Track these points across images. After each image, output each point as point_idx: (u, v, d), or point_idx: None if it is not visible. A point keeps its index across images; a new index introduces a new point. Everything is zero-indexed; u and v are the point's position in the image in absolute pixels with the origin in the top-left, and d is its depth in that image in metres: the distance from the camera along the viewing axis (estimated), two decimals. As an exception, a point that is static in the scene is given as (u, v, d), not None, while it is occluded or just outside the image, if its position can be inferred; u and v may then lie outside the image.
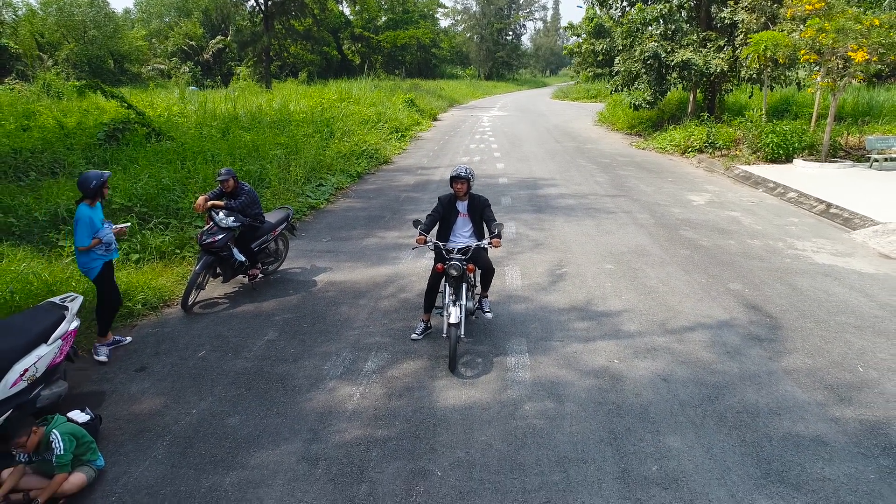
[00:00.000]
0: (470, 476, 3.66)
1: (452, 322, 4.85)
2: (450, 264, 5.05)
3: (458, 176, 5.34)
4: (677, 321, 5.91)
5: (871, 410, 4.36)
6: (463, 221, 5.51)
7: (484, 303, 5.70)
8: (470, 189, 5.46)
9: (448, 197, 5.52)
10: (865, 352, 5.28)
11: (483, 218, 5.47)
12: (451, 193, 5.51)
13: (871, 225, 9.52)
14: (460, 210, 5.50)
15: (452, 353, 4.88)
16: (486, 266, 5.53)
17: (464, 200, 5.48)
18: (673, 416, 4.28)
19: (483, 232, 5.56)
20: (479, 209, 5.47)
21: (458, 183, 5.37)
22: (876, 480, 3.61)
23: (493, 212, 5.51)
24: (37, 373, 4.06)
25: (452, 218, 5.49)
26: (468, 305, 5.19)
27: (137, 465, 3.80)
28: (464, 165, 5.48)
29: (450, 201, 5.49)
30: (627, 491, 3.53)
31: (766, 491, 3.52)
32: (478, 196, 5.55)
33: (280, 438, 4.06)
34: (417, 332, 5.57)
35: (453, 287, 5.09)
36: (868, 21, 13.28)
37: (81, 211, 5.13)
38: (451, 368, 4.90)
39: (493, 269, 5.64)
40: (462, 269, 5.05)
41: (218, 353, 5.31)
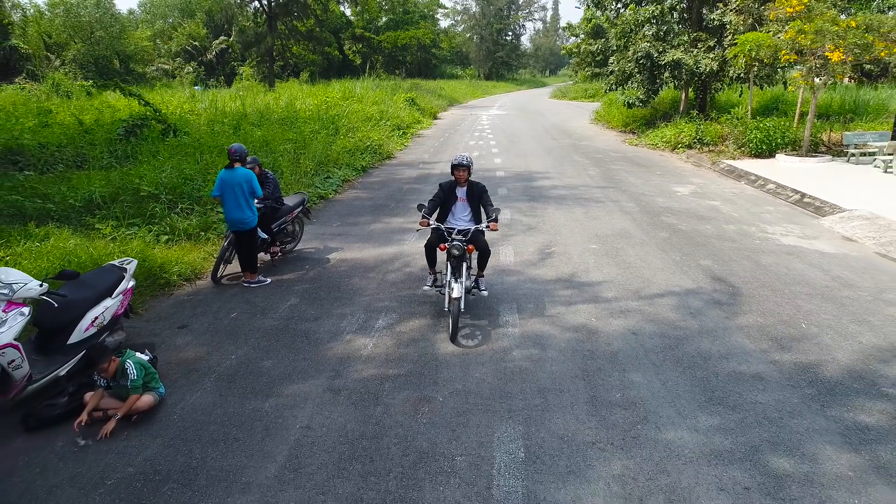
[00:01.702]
0: (466, 401, 4.45)
1: (455, 296, 5.26)
2: (452, 244, 5.49)
3: (460, 164, 5.84)
4: (650, 289, 6.71)
5: (805, 356, 5.15)
6: (462, 206, 5.99)
7: (480, 282, 6.07)
8: (470, 176, 5.95)
9: (449, 183, 6.01)
10: (811, 313, 6.07)
11: (481, 202, 5.94)
12: (451, 180, 6.00)
13: (839, 212, 10.32)
14: (459, 195, 5.97)
15: (454, 324, 5.30)
16: (483, 247, 5.91)
17: (463, 186, 5.96)
18: (637, 359, 5.08)
19: (481, 216, 6.01)
20: (478, 194, 5.95)
21: (460, 170, 5.86)
22: (798, 403, 4.41)
23: (490, 197, 6.01)
24: (104, 321, 4.86)
25: (452, 202, 5.97)
26: (467, 284, 5.58)
27: (191, 395, 4.59)
28: (465, 154, 5.98)
29: (450, 187, 5.98)
30: (594, 410, 4.32)
31: (707, 410, 4.32)
32: (476, 182, 6.02)
33: (308, 376, 4.86)
34: (428, 283, 6.15)
35: (454, 266, 5.49)
36: (845, 23, 14.07)
37: (246, 171, 6.71)
38: (452, 339, 5.33)
39: (490, 251, 6.05)
40: (463, 250, 5.47)
41: (248, 314, 6.11)
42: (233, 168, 6.64)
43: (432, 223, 5.81)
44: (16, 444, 3.97)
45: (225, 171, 6.67)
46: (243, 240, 6.77)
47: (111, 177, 9.97)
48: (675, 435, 4.03)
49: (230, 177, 6.60)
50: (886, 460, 3.76)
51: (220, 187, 6.65)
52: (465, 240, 5.61)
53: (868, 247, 8.57)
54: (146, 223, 8.49)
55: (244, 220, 6.65)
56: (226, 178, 6.61)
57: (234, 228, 6.73)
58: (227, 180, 6.60)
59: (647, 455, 3.82)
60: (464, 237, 5.66)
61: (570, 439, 3.99)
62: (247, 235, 6.77)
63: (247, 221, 6.67)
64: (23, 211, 8.66)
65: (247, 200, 6.63)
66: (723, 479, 3.60)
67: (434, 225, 5.83)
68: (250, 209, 6.69)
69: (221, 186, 6.64)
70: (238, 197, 6.58)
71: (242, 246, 6.81)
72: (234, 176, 6.60)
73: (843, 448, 3.89)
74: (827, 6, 14.55)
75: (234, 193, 6.58)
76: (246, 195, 6.61)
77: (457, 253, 5.43)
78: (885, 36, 13.83)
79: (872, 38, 13.75)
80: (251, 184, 6.66)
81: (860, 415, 4.26)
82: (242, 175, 6.62)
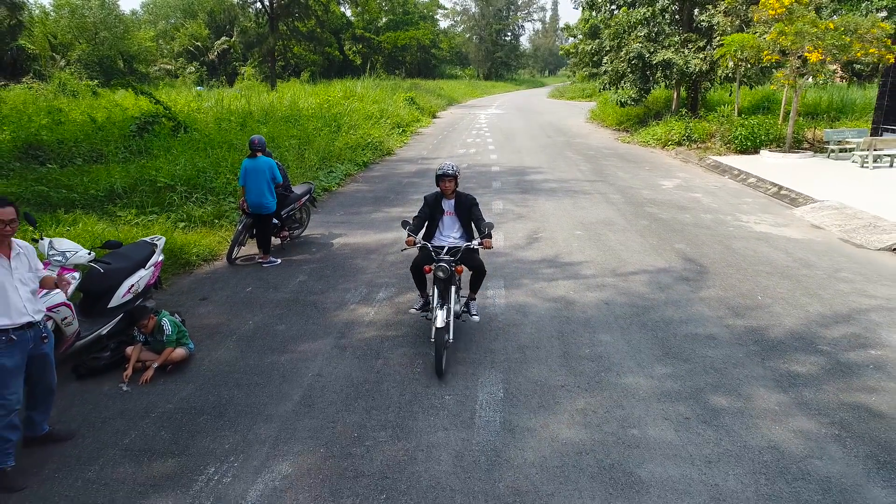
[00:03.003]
0: (454, 357, 5.12)
1: (439, 326, 4.61)
2: (437, 266, 4.86)
3: (445, 174, 5.23)
4: (625, 268, 7.39)
5: (756, 321, 5.83)
6: (450, 220, 5.41)
7: (471, 305, 5.48)
8: (457, 187, 5.38)
9: (434, 196, 5.40)
10: (768, 288, 6.75)
11: (471, 217, 5.35)
12: (436, 192, 5.39)
13: (811, 203, 11.00)
14: (446, 209, 5.38)
15: (439, 357, 4.65)
16: (477, 266, 5.33)
17: (450, 199, 5.36)
18: (607, 324, 5.76)
19: (472, 232, 5.44)
20: (467, 207, 5.35)
21: (446, 181, 5.25)
22: (742, 357, 5.09)
23: (481, 210, 5.41)
24: (139, 289, 5.54)
25: (438, 217, 5.38)
26: (455, 308, 4.98)
27: (216, 351, 5.28)
28: (450, 163, 5.38)
29: (436, 200, 5.38)
30: (565, 362, 5.01)
31: (663, 362, 5.00)
32: (465, 194, 5.43)
33: (317, 337, 5.55)
34: (416, 306, 5.56)
35: (441, 289, 4.88)
36: (823, 25, 14.74)
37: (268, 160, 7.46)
38: (438, 373, 4.70)
39: (485, 270, 5.43)
40: (450, 272, 4.86)
41: (261, 289, 6.80)
42: (255, 157, 7.35)
43: (418, 242, 5.22)
44: (70, 388, 4.65)
45: (248, 161, 7.39)
46: (263, 222, 7.48)
47: (129, 169, 10.66)
48: (632, 380, 4.71)
49: (253, 165, 7.32)
50: (809, 398, 4.44)
51: (244, 176, 7.36)
52: (453, 260, 4.99)
53: (833, 233, 9.25)
54: (164, 211, 9.18)
55: (265, 205, 7.38)
56: (249, 167, 7.33)
57: (255, 212, 7.43)
58: (250, 168, 7.32)
59: (607, 395, 4.50)
60: (452, 257, 5.05)
61: (543, 383, 4.67)
62: (266, 219, 7.49)
63: (267, 206, 7.40)
64: (49, 200, 9.36)
65: (269, 186, 7.37)
66: (668, 412, 4.28)
67: (420, 243, 5.22)
68: (271, 194, 7.43)
69: (246, 174, 7.35)
70: (261, 183, 7.31)
71: (262, 228, 7.51)
72: (258, 164, 7.33)
73: (774, 390, 4.57)
74: (807, 9, 15.22)
75: (257, 180, 7.30)
76: (268, 181, 7.34)
77: (442, 275, 4.83)
78: (862, 37, 14.50)
79: (849, 40, 14.42)
80: (272, 170, 7.39)
81: (794, 366, 4.94)
82: (265, 163, 7.36)
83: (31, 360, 3.60)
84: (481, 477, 3.60)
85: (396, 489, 3.51)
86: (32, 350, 3.59)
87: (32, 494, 3.50)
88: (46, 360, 3.73)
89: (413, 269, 5.40)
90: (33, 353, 3.60)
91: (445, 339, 4.69)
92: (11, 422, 3.52)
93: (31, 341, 3.57)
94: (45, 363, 3.72)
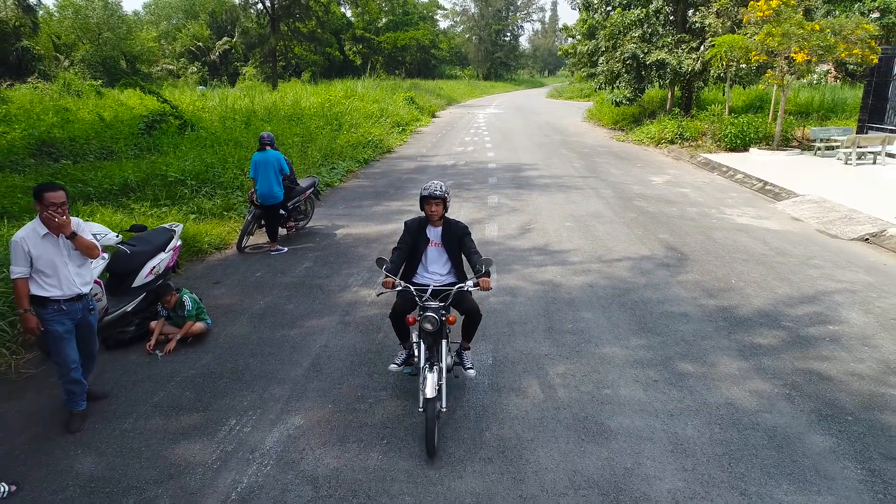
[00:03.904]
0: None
1: (429, 396, 3.72)
2: (424, 316, 3.92)
3: (431, 195, 4.22)
4: (610, 256, 7.89)
5: (727, 301, 6.33)
6: (436, 253, 4.42)
7: (465, 356, 4.51)
8: (446, 211, 4.37)
9: (417, 222, 4.41)
10: (742, 273, 7.25)
11: (462, 250, 4.40)
12: (419, 218, 4.42)
13: (793, 197, 11.50)
14: (432, 238, 4.39)
15: (430, 432, 3.70)
16: (470, 310, 4.33)
17: (437, 226, 4.39)
18: (590, 303, 6.26)
19: (462, 267, 4.50)
20: (457, 238, 4.38)
21: (432, 204, 4.26)
22: (711, 331, 5.59)
23: (474, 242, 4.45)
24: (159, 270, 6.03)
25: (422, 247, 4.39)
26: (448, 361, 4.15)
27: (231, 327, 5.77)
28: (437, 182, 4.31)
29: (419, 227, 4.38)
30: (550, 335, 5.50)
31: (638, 335, 5.50)
32: (455, 222, 4.45)
33: (323, 314, 6.04)
34: (396, 360, 4.51)
35: (428, 344, 4.00)
36: (809, 26, 15.24)
37: (276, 153, 8.02)
38: (430, 452, 3.77)
39: (481, 314, 4.45)
40: (439, 323, 3.93)
41: (270, 274, 7.30)
42: (264, 150, 7.89)
43: (399, 284, 4.17)
44: (101, 358, 5.11)
45: (258, 154, 7.93)
46: (271, 212, 7.99)
47: (140, 165, 11.15)
48: (609, 350, 5.21)
49: (263, 158, 7.85)
50: (766, 365, 4.94)
51: (254, 168, 7.88)
52: (443, 306, 4.07)
53: (811, 225, 9.75)
54: (175, 204, 9.66)
55: (274, 195, 7.91)
56: (259, 160, 7.85)
57: (264, 202, 7.94)
58: (260, 161, 7.84)
59: (585, 362, 5.00)
60: (442, 301, 4.11)
61: (528, 353, 5.17)
62: (275, 209, 8.01)
63: (276, 196, 7.93)
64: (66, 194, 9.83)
65: (277, 178, 7.91)
66: (639, 376, 4.77)
67: (400, 286, 4.16)
68: (279, 185, 7.97)
69: (255, 167, 7.86)
70: (270, 175, 7.85)
71: (270, 218, 8.03)
72: (267, 157, 7.88)
73: (736, 358, 5.07)
74: (795, 11, 15.72)
75: (266, 172, 7.84)
76: (276, 172, 7.87)
77: (430, 328, 3.92)
78: (847, 38, 15.00)
79: (834, 41, 14.92)
80: (280, 162, 7.96)
81: (757, 338, 5.44)
82: (273, 156, 7.91)
83: (77, 328, 4.11)
84: (470, 427, 4.10)
85: (395, 436, 4.00)
86: (80, 319, 4.09)
87: (79, 440, 4.00)
88: (91, 329, 4.24)
89: (393, 318, 4.35)
90: (81, 322, 4.11)
91: (438, 408, 3.80)
92: (72, 377, 4.05)
93: (80, 311, 4.08)
94: (89, 331, 4.23)
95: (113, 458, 3.81)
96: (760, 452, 3.81)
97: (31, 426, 4.17)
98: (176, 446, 3.92)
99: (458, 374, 4.58)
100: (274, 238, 8.19)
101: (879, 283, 6.96)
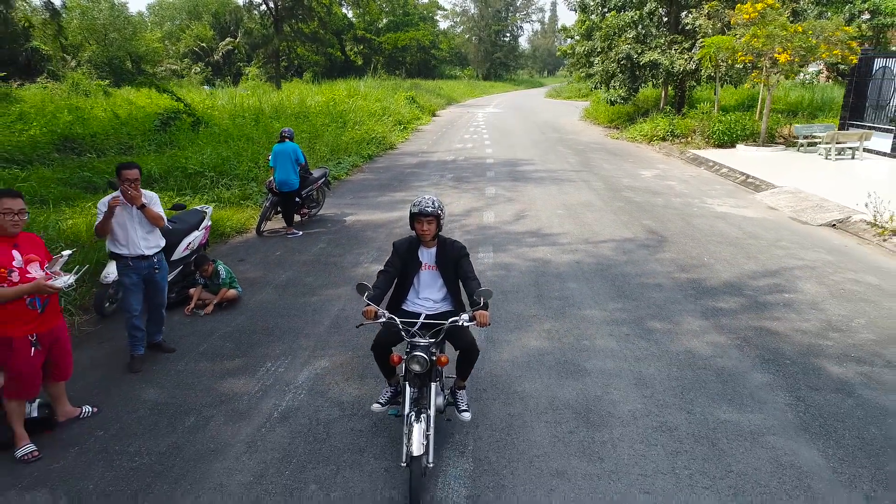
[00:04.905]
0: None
1: (415, 453, 3.26)
2: (411, 356, 3.46)
3: (422, 211, 3.70)
4: (597, 238, 8.68)
5: (698, 275, 7.12)
6: (430, 277, 3.92)
7: (460, 396, 4.03)
8: (440, 230, 3.86)
9: (407, 242, 3.91)
10: (715, 253, 8.03)
11: (458, 274, 3.89)
12: (410, 237, 3.92)
13: (772, 189, 12.29)
14: (424, 260, 3.89)
15: (415, 494, 3.26)
16: (467, 345, 3.81)
17: (430, 247, 3.88)
18: (576, 276, 7.05)
19: (459, 293, 3.96)
20: (453, 260, 3.86)
21: (423, 222, 3.74)
22: (680, 298, 6.38)
23: (472, 266, 3.94)
24: (193, 246, 6.82)
25: (413, 271, 3.89)
26: (438, 402, 3.68)
27: (259, 295, 6.56)
28: (430, 197, 3.79)
29: (409, 248, 3.88)
30: (538, 301, 6.29)
31: (616, 301, 6.29)
32: (451, 242, 3.93)
33: (339, 286, 6.83)
34: (381, 399, 3.99)
35: (416, 386, 3.57)
36: (792, 28, 16.02)
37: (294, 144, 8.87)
38: None
39: (478, 350, 3.92)
40: (428, 364, 3.47)
41: (289, 253, 8.09)
42: (283, 142, 8.71)
43: (382, 315, 3.61)
44: (148, 318, 5.93)
45: (278, 146, 8.76)
46: (288, 199, 8.80)
47: (161, 159, 11.94)
48: (589, 312, 6.00)
49: (282, 149, 8.67)
50: (724, 323, 5.73)
51: (274, 158, 8.71)
52: (434, 342, 3.59)
53: (785, 213, 10.54)
54: (196, 193, 10.45)
55: (290, 183, 8.71)
56: (278, 150, 8.66)
57: (281, 189, 8.73)
58: (279, 151, 8.65)
59: (568, 321, 5.79)
60: (433, 338, 3.62)
61: (519, 314, 5.96)
62: (291, 196, 8.80)
63: (292, 184, 8.74)
64: (93, 184, 10.64)
65: (294, 167, 8.69)
66: (613, 331, 5.56)
67: (384, 317, 3.62)
68: (295, 174, 8.76)
69: (275, 157, 8.68)
70: (287, 164, 8.66)
71: (286, 204, 8.84)
72: (285, 148, 8.70)
73: (699, 318, 5.85)
74: (779, 13, 16.51)
75: (284, 162, 8.66)
76: (293, 163, 8.64)
77: (418, 369, 3.46)
78: (828, 39, 15.79)
79: (815, 42, 15.71)
80: (297, 153, 8.76)
81: (720, 303, 6.23)
82: (291, 147, 8.73)
83: (147, 284, 4.91)
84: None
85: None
86: (147, 276, 4.89)
87: (142, 378, 4.79)
88: (158, 286, 5.03)
89: (375, 350, 3.84)
90: (148, 279, 4.91)
91: (424, 465, 3.32)
92: (132, 323, 4.85)
93: (145, 269, 4.87)
94: (157, 288, 5.02)
95: (172, 390, 4.60)
96: (708, 385, 4.60)
97: (99, 369, 4.96)
98: (223, 382, 4.71)
99: (452, 416, 3.99)
100: (290, 223, 8.99)
101: (837, 261, 7.75)
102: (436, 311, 3.91)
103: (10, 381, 3.86)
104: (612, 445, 3.86)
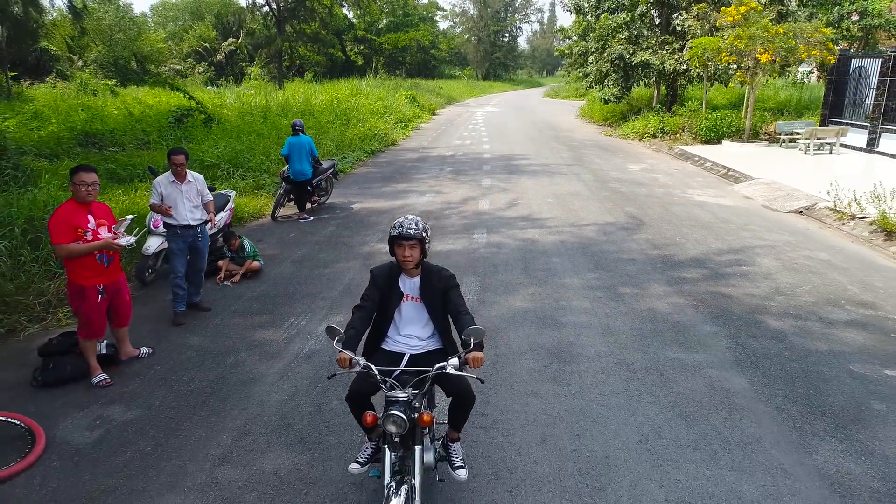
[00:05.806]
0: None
1: None
2: (386, 415, 2.82)
3: (403, 235, 3.14)
4: (581, 222, 9.55)
5: (668, 252, 7.98)
6: (414, 310, 3.35)
7: (453, 451, 3.40)
8: (425, 255, 3.28)
9: (386, 269, 3.36)
10: (687, 235, 8.90)
11: (447, 307, 3.32)
12: (391, 263, 3.36)
13: (750, 181, 13.16)
14: (407, 291, 3.33)
15: None
16: (460, 392, 3.23)
17: (413, 276, 3.31)
18: (559, 253, 7.92)
19: (449, 329, 3.40)
20: (440, 291, 3.29)
21: (406, 246, 3.17)
22: (650, 270, 7.25)
23: (462, 297, 3.36)
24: (220, 225, 7.68)
25: (394, 304, 3.33)
26: (427, 458, 3.12)
27: (278, 268, 7.43)
28: (412, 217, 3.23)
29: (389, 277, 3.32)
30: (525, 272, 7.16)
31: (593, 272, 7.16)
32: (438, 270, 3.36)
33: (349, 260, 7.70)
34: (360, 458, 3.29)
35: (397, 450, 2.99)
36: (773, 30, 16.88)
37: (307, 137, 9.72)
38: None
39: (474, 397, 3.30)
40: (407, 426, 2.83)
41: (302, 235, 8.96)
42: (297, 135, 9.56)
43: (357, 363, 3.02)
44: (183, 286, 6.79)
45: (292, 138, 9.61)
46: (301, 187, 9.66)
47: (179, 152, 12.78)
48: (569, 280, 6.86)
49: (297, 141, 9.52)
50: (685, 289, 6.59)
51: (288, 148, 9.57)
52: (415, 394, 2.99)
53: (758, 202, 11.40)
54: (214, 183, 11.29)
55: (304, 173, 9.58)
56: (293, 143, 9.51)
57: (295, 178, 9.58)
58: (293, 144, 9.49)
59: (549, 287, 6.65)
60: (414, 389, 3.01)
61: (508, 282, 6.82)
62: (304, 184, 9.65)
63: (306, 173, 9.60)
64: (118, 175, 11.50)
65: (307, 158, 9.54)
66: (589, 294, 6.43)
67: (359, 365, 3.02)
68: (309, 165, 9.59)
69: (290, 148, 9.54)
70: (301, 155, 9.51)
71: (299, 192, 9.70)
72: (300, 140, 9.56)
73: (664, 285, 6.72)
74: (762, 15, 17.37)
75: (299, 153, 9.50)
76: (307, 155, 9.49)
77: (395, 430, 2.85)
78: (807, 40, 16.65)
79: (795, 43, 16.57)
80: (310, 145, 9.60)
81: (683, 273, 7.10)
82: (305, 140, 9.60)
83: (190, 251, 5.80)
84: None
85: (409, 327, 5.64)
86: (192, 243, 5.78)
87: (184, 329, 5.66)
88: (200, 252, 5.95)
89: (350, 403, 3.23)
90: (192, 246, 5.81)
91: None
92: (176, 283, 5.73)
93: (190, 237, 5.76)
94: (199, 254, 5.94)
95: (213, 338, 5.47)
96: (663, 334, 5.46)
97: (147, 323, 5.82)
98: (255, 332, 5.58)
99: (444, 474, 3.37)
100: (302, 209, 9.86)
101: (797, 241, 8.61)
102: (422, 349, 3.34)
103: (83, 324, 4.72)
104: (579, 375, 4.73)
